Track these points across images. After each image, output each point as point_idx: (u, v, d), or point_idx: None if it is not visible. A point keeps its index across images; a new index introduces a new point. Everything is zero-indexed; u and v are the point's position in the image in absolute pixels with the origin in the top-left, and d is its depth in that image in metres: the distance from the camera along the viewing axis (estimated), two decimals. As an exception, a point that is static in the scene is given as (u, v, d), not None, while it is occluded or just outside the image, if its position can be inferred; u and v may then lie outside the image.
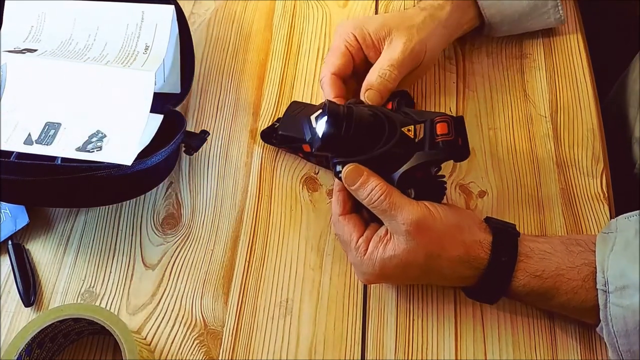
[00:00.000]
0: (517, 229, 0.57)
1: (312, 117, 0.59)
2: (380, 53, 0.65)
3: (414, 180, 0.56)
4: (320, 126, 0.54)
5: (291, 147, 0.68)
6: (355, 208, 0.59)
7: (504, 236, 0.56)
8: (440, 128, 0.54)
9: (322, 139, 0.54)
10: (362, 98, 0.62)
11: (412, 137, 0.55)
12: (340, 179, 0.56)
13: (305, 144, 0.62)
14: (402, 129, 0.55)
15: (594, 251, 0.54)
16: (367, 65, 0.65)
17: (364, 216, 0.59)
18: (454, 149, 0.55)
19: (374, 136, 0.55)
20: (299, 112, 0.65)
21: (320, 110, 0.56)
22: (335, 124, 0.53)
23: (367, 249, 0.55)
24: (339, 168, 0.56)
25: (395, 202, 0.54)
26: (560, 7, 0.72)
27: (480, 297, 0.58)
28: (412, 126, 0.55)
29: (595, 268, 0.53)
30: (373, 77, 0.62)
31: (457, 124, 0.55)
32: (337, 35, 0.66)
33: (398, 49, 0.63)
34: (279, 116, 0.72)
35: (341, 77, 0.64)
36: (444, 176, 0.58)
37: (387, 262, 0.55)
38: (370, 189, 0.54)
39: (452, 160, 0.62)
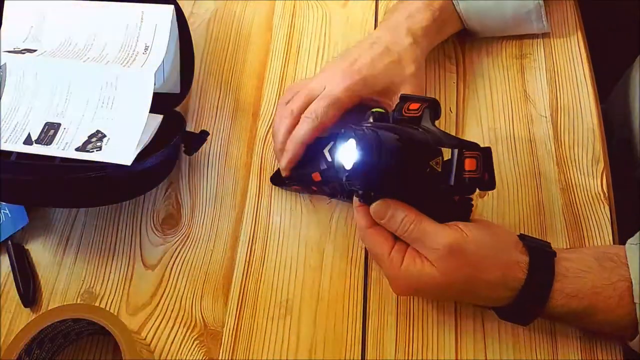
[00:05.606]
0: (552, 247, 0.56)
1: (325, 151, 0.58)
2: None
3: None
4: (346, 155, 0.51)
5: (303, 184, 0.66)
6: None
7: (541, 257, 0.54)
8: (469, 164, 0.53)
9: (353, 169, 0.50)
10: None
11: (439, 170, 0.53)
12: (358, 196, 0.56)
13: (314, 172, 0.62)
14: (431, 163, 0.52)
15: (627, 264, 0.54)
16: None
17: None
18: (480, 185, 0.54)
19: (404, 165, 0.52)
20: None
21: (332, 143, 0.55)
22: (366, 152, 0.50)
23: (402, 261, 0.53)
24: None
25: (426, 229, 0.52)
26: (544, 19, 0.71)
27: (514, 318, 0.56)
28: (440, 158, 0.53)
29: (631, 282, 0.52)
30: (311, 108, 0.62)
31: (485, 157, 0.54)
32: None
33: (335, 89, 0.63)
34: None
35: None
36: (471, 199, 0.58)
37: (426, 280, 0.53)
38: (400, 219, 0.53)
39: None
